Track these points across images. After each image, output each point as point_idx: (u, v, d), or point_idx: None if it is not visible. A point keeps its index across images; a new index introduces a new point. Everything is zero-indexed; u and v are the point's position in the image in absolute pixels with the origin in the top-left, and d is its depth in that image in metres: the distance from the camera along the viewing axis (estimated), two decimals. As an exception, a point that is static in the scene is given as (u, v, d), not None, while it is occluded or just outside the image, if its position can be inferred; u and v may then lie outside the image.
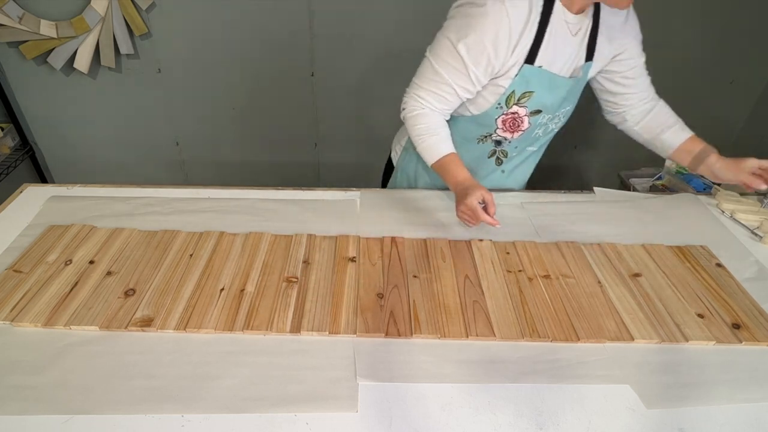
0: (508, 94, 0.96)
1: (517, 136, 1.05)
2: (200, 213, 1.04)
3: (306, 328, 0.76)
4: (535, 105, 0.98)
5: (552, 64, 0.94)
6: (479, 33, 0.87)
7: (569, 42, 0.93)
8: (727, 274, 0.92)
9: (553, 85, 0.96)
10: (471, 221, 0.94)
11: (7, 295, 0.80)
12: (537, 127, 1.05)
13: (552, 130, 1.09)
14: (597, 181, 2.23)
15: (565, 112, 1.06)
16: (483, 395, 0.68)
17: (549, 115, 1.03)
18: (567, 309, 0.82)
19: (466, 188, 0.93)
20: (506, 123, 1.01)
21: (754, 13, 1.94)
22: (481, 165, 1.13)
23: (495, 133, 1.05)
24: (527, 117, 1.00)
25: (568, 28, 0.92)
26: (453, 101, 0.98)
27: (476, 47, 0.88)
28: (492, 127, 1.03)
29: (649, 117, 1.10)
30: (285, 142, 2.19)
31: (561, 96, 0.99)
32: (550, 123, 1.06)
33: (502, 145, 1.08)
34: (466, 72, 0.92)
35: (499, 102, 0.98)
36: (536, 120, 1.02)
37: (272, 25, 1.86)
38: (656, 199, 1.16)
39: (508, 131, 1.03)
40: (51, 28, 1.75)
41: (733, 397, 0.69)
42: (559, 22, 0.90)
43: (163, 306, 0.79)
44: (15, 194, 1.09)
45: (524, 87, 0.95)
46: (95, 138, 2.12)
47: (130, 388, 0.67)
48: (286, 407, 0.65)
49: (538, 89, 0.96)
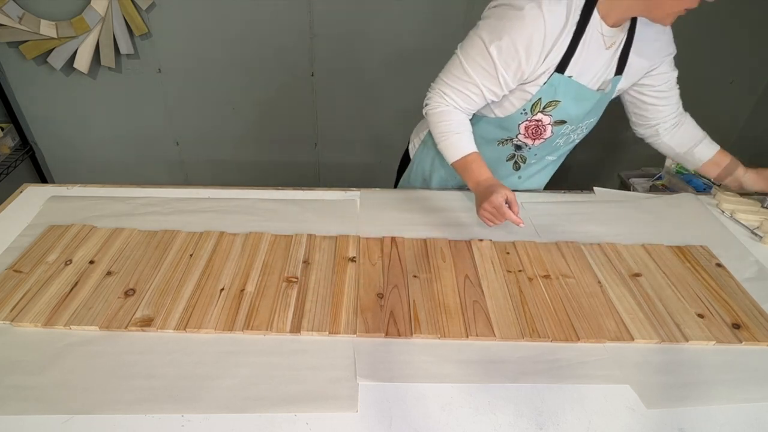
0: (534, 101, 0.95)
1: (539, 143, 1.04)
2: (200, 213, 1.04)
3: (306, 328, 0.76)
4: (560, 115, 0.98)
5: (581, 75, 0.93)
6: (513, 36, 0.86)
7: (601, 54, 0.92)
8: (727, 274, 0.92)
9: (580, 97, 0.96)
10: (493, 220, 0.92)
11: (7, 295, 0.80)
12: (559, 137, 1.04)
13: (573, 141, 1.09)
14: (597, 181, 2.23)
15: (588, 124, 1.06)
16: (483, 395, 0.68)
17: (572, 126, 1.02)
18: (567, 309, 0.82)
19: (489, 187, 0.92)
20: (529, 129, 1.01)
21: (754, 13, 1.94)
22: (499, 167, 1.13)
23: (516, 138, 1.05)
24: (551, 126, 1.00)
25: (602, 41, 0.91)
26: (478, 102, 0.97)
27: (508, 50, 0.87)
28: (514, 132, 1.03)
29: (680, 131, 1.11)
30: (285, 142, 2.19)
31: (586, 109, 0.99)
32: (572, 134, 1.06)
33: (522, 150, 1.08)
34: (496, 74, 0.91)
35: (525, 108, 0.97)
36: (559, 130, 1.02)
37: (272, 25, 1.86)
38: (656, 199, 1.16)
39: (530, 138, 1.03)
40: (51, 28, 1.75)
41: (733, 397, 0.69)
42: (594, 34, 0.89)
43: (163, 306, 0.79)
44: (15, 194, 1.09)
45: (551, 95, 0.94)
46: (95, 138, 2.12)
47: (130, 388, 0.67)
48: (286, 407, 0.65)
49: (565, 99, 0.95)
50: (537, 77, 0.92)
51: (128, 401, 0.65)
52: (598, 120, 1.07)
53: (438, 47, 1.90)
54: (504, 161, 1.12)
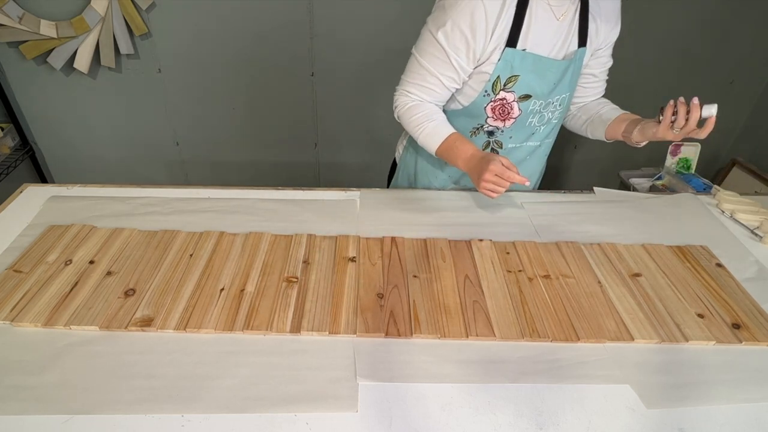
0: (493, 80, 0.96)
1: (510, 124, 1.04)
2: (200, 213, 1.04)
3: (306, 328, 0.76)
4: (523, 89, 0.98)
5: (537, 47, 0.94)
6: (456, 19, 0.89)
7: (553, 25, 0.93)
8: (727, 274, 0.92)
9: (539, 68, 0.96)
10: (497, 189, 0.91)
11: (7, 295, 0.80)
12: (529, 116, 1.03)
13: (549, 120, 1.07)
14: (597, 181, 2.24)
15: (560, 100, 1.04)
16: (483, 395, 0.68)
17: (540, 101, 1.01)
18: (567, 309, 0.82)
19: (482, 159, 0.92)
20: (495, 111, 1.01)
21: (754, 13, 1.94)
22: None
23: (486, 123, 1.05)
24: (516, 103, 1.00)
25: (551, 11, 0.92)
26: (441, 93, 0.99)
27: (454, 34, 0.90)
28: (482, 117, 1.03)
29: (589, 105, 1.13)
30: (285, 142, 2.19)
31: (551, 80, 0.98)
32: (544, 111, 1.04)
33: (495, 135, 1.08)
34: (448, 60, 0.93)
35: (486, 89, 0.98)
36: (526, 106, 1.01)
37: (272, 25, 1.86)
38: (656, 199, 1.16)
39: (499, 119, 1.03)
40: (51, 28, 1.75)
41: (733, 397, 0.69)
42: (539, 4, 0.91)
43: (163, 306, 0.79)
44: (15, 194, 1.09)
45: (509, 71, 0.95)
46: (95, 138, 2.12)
47: (130, 388, 0.67)
48: (286, 407, 0.65)
49: (523, 73, 0.95)
50: (490, 55, 0.93)
51: (128, 401, 0.65)
52: (571, 95, 1.06)
53: (438, 47, 1.91)
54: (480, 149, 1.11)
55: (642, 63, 2.02)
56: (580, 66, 1.02)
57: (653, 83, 2.08)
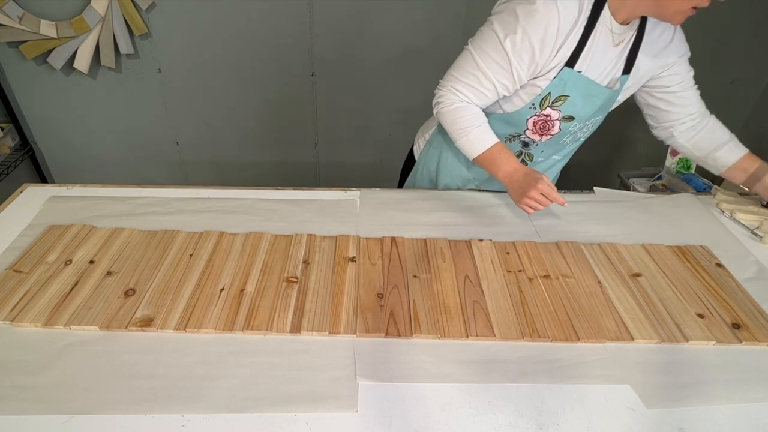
0: (543, 95, 0.95)
1: (546, 139, 1.04)
2: (200, 213, 1.04)
3: (306, 328, 0.76)
4: (568, 110, 0.98)
5: (589, 71, 0.94)
6: (528, 30, 0.86)
7: (609, 51, 0.93)
8: (727, 274, 0.92)
9: (589, 92, 0.96)
10: (537, 207, 0.92)
11: (7, 295, 0.80)
12: (566, 134, 1.04)
13: (579, 139, 1.09)
14: (597, 181, 2.24)
15: (594, 122, 1.05)
16: (483, 395, 0.68)
17: (580, 124, 1.02)
18: (567, 309, 0.82)
19: (527, 174, 0.92)
20: (537, 125, 1.01)
21: (754, 13, 1.94)
22: None
23: (524, 134, 1.05)
24: (559, 122, 0.99)
25: (611, 37, 0.91)
26: (490, 98, 0.97)
27: (523, 44, 0.87)
28: (522, 128, 1.03)
29: (700, 134, 1.08)
30: (285, 142, 2.19)
31: (595, 105, 0.99)
32: (579, 132, 1.06)
33: (529, 147, 1.08)
34: (510, 69, 0.91)
35: (533, 102, 0.97)
36: (567, 127, 1.01)
37: (272, 25, 1.86)
38: (656, 199, 1.16)
39: (538, 134, 1.03)
40: (51, 28, 1.75)
41: (732, 397, 0.69)
42: (603, 30, 0.89)
43: (163, 306, 0.79)
44: (15, 194, 1.09)
45: (561, 90, 0.94)
46: (95, 138, 2.12)
47: (130, 388, 0.67)
48: (286, 407, 0.65)
49: (573, 94, 0.95)
50: (548, 71, 0.92)
51: (128, 401, 0.65)
52: (603, 117, 1.07)
53: (438, 47, 1.91)
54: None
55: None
56: (619, 92, 1.01)
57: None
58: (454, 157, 1.17)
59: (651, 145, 2.29)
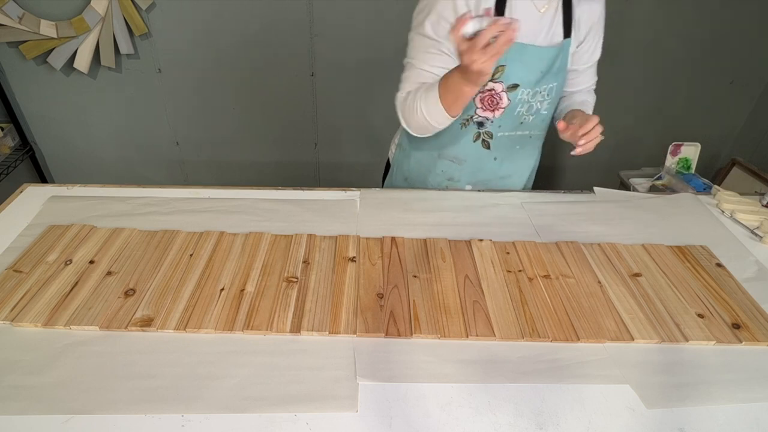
0: None
1: (499, 114, 1.05)
2: (200, 213, 1.04)
3: (306, 328, 0.76)
4: (511, 79, 0.99)
5: (523, 38, 0.96)
6: (438, 9, 0.92)
7: (535, 17, 0.95)
8: (727, 274, 0.92)
9: (525, 56, 0.97)
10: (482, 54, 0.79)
11: (7, 295, 0.80)
12: (518, 105, 1.04)
13: (538, 110, 1.07)
14: (597, 181, 2.24)
15: (548, 89, 1.04)
16: (483, 395, 0.68)
17: (528, 90, 1.02)
18: (567, 309, 0.82)
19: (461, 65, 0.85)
20: (484, 101, 1.02)
21: (754, 13, 1.94)
22: (470, 151, 1.13)
23: (475, 114, 1.05)
24: (504, 93, 1.00)
25: (533, 4, 0.94)
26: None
27: (439, 22, 0.92)
28: (471, 108, 1.04)
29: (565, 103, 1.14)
30: (285, 142, 2.19)
31: (539, 68, 0.99)
32: (532, 101, 1.04)
33: (485, 126, 1.08)
34: (439, 49, 0.94)
35: None
36: (515, 96, 1.01)
37: (272, 25, 1.86)
38: (656, 199, 1.16)
39: (488, 110, 1.03)
40: (51, 28, 1.75)
41: (733, 397, 0.69)
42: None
43: (163, 306, 0.79)
44: (15, 194, 1.09)
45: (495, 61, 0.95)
46: (95, 138, 2.12)
47: (130, 388, 0.67)
48: (286, 407, 0.65)
49: (509, 62, 0.97)
50: None
51: (128, 401, 0.65)
52: (561, 87, 1.07)
53: (438, 47, 1.91)
54: (472, 142, 1.11)
55: (642, 63, 2.02)
56: (566, 57, 1.02)
57: (653, 83, 2.08)
58: (420, 157, 1.19)
59: (651, 145, 2.30)
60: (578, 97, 1.14)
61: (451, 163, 1.16)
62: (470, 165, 1.15)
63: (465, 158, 1.14)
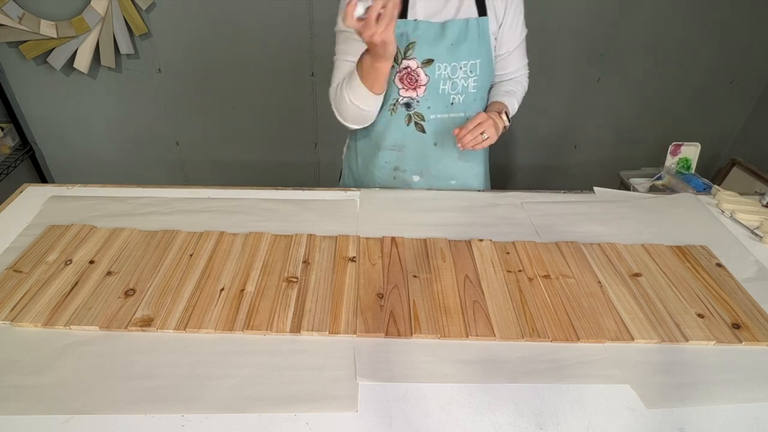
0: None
1: (422, 92, 1.06)
2: (200, 213, 1.04)
3: (306, 328, 0.76)
4: (424, 54, 1.01)
5: (433, 17, 0.99)
6: (342, 4, 0.96)
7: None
8: (727, 274, 0.92)
9: (431, 32, 1.00)
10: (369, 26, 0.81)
11: (7, 295, 0.80)
12: (439, 82, 1.05)
13: (465, 88, 1.07)
14: (597, 181, 2.24)
15: (471, 66, 1.05)
16: (483, 395, 0.68)
17: (444, 64, 1.03)
18: (567, 309, 0.82)
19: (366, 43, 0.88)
20: (404, 80, 1.04)
21: (754, 13, 1.94)
22: (407, 136, 1.13)
23: (400, 96, 1.07)
24: (421, 69, 1.03)
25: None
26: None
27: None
28: (394, 90, 1.06)
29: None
30: (285, 142, 2.19)
31: (447, 41, 1.01)
32: (454, 78, 1.05)
33: (412, 107, 1.09)
34: (353, 38, 0.99)
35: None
36: (432, 72, 1.03)
37: (272, 25, 1.86)
38: (656, 199, 1.16)
39: (410, 88, 1.05)
40: (51, 28, 1.75)
41: (733, 397, 0.69)
42: None
43: (163, 306, 0.79)
44: (15, 194, 1.09)
45: (405, 41, 1.00)
46: (95, 138, 2.12)
47: (130, 388, 0.67)
48: (286, 407, 0.65)
49: (419, 39, 1.00)
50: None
51: (128, 401, 0.65)
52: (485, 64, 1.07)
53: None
54: (405, 126, 1.12)
55: (642, 63, 2.02)
56: (485, 34, 1.04)
57: (654, 83, 2.08)
58: (365, 149, 1.21)
59: (651, 145, 2.30)
60: (505, 86, 1.16)
61: (392, 152, 1.16)
62: (411, 152, 1.15)
63: (404, 144, 1.14)
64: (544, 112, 2.15)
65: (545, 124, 2.19)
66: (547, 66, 2.00)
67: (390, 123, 1.12)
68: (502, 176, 2.37)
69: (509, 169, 2.36)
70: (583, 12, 1.89)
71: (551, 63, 2.00)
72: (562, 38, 1.94)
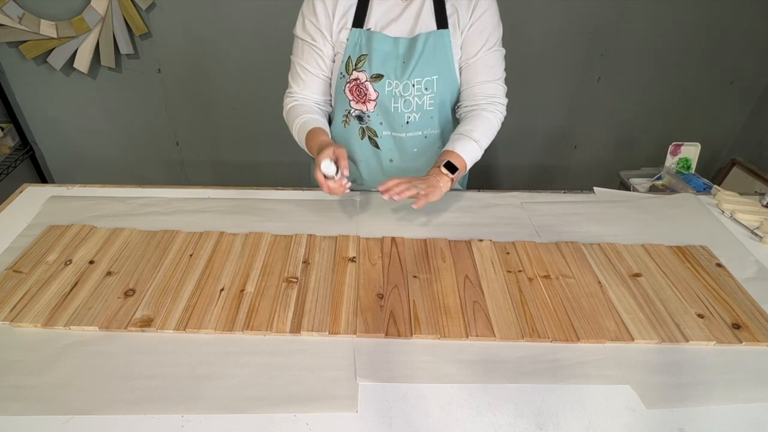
0: (345, 60, 1.00)
1: (372, 107, 1.04)
2: (200, 213, 1.04)
3: (306, 328, 0.76)
4: (374, 69, 1.00)
5: (387, 29, 0.98)
6: (304, 12, 1.00)
7: (399, 7, 0.98)
8: (727, 274, 0.92)
9: (385, 46, 0.98)
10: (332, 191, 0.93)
11: (7, 295, 0.80)
12: (390, 99, 1.02)
13: (420, 106, 1.03)
14: (597, 181, 2.24)
15: (426, 83, 1.00)
16: (483, 395, 0.68)
17: (396, 82, 1.00)
18: (567, 309, 0.82)
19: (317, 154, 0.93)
20: (353, 92, 1.04)
21: (754, 13, 1.94)
22: (362, 150, 1.12)
23: (350, 107, 1.06)
24: (369, 83, 1.01)
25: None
26: (316, 84, 1.05)
27: (307, 24, 1.00)
28: (345, 101, 1.06)
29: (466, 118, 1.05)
30: (285, 142, 2.19)
31: (399, 59, 0.99)
32: (406, 95, 1.02)
33: (364, 121, 1.07)
34: (311, 48, 1.01)
35: (341, 71, 1.02)
36: (382, 87, 1.01)
37: (272, 24, 1.86)
38: (656, 199, 1.16)
39: (360, 101, 1.04)
40: (51, 28, 1.75)
41: (733, 397, 0.69)
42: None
43: (163, 306, 0.79)
44: (15, 194, 1.09)
45: (358, 51, 0.99)
46: (95, 138, 2.12)
47: (130, 388, 0.67)
48: (286, 407, 0.65)
49: (372, 52, 0.99)
50: (338, 34, 0.99)
51: (128, 401, 0.65)
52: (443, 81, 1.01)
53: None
54: (360, 140, 1.10)
55: (642, 63, 2.02)
56: (445, 47, 0.98)
57: (654, 83, 2.08)
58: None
59: (651, 145, 2.30)
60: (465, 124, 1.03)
61: (352, 164, 1.15)
62: (366, 165, 1.14)
63: (360, 158, 1.13)
64: (544, 112, 2.15)
65: (545, 124, 2.19)
66: (547, 66, 2.00)
67: (345, 135, 1.11)
68: (502, 176, 2.37)
69: (509, 169, 2.36)
70: (583, 12, 1.88)
71: (551, 63, 2.00)
72: (563, 38, 1.94)
